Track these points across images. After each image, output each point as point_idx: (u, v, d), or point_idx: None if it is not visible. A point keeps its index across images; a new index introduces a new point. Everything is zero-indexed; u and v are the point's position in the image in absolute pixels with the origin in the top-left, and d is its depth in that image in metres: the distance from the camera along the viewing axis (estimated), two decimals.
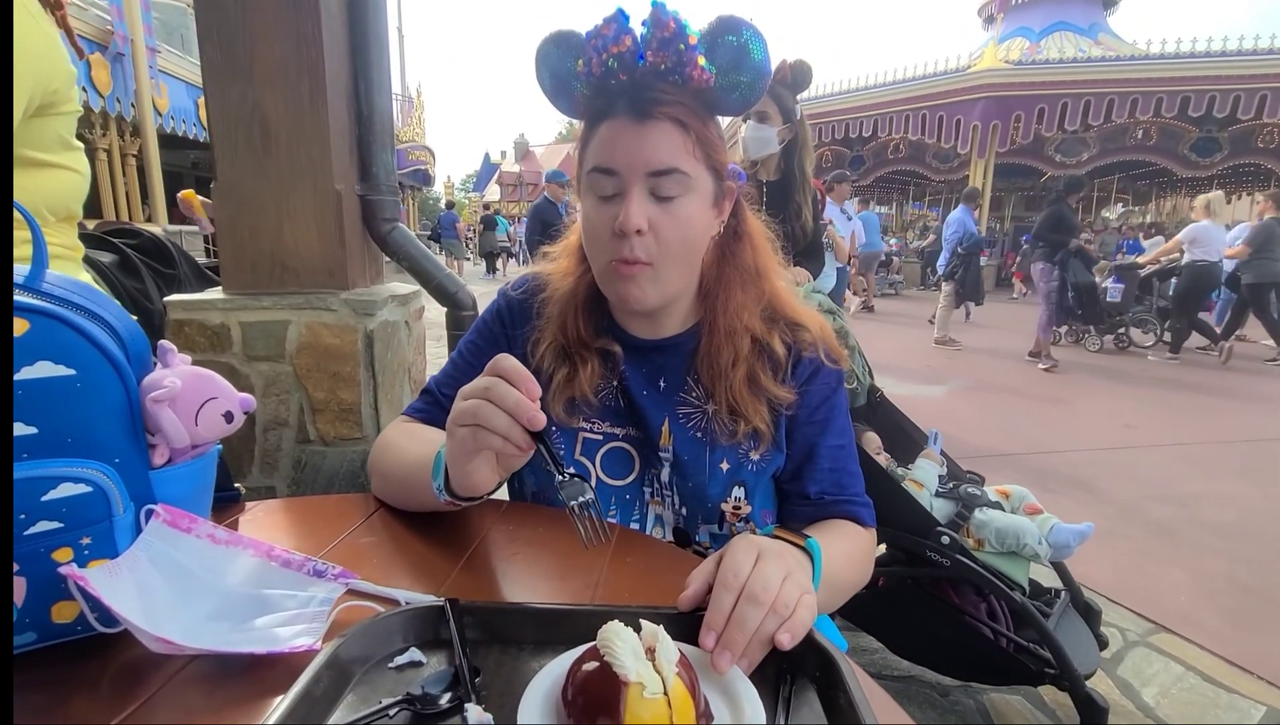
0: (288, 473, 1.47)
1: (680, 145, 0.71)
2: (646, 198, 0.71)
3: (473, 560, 0.66)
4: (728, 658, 0.47)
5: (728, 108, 0.74)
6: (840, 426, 0.83)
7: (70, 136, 1.01)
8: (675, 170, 0.71)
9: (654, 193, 0.72)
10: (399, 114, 15.34)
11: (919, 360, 6.27)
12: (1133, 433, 4.04)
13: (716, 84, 0.70)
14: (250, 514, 0.76)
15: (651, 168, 0.70)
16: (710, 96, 0.72)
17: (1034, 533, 1.48)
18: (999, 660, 1.47)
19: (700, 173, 0.73)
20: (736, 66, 0.70)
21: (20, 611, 0.47)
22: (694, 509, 0.81)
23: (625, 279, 0.74)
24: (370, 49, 1.49)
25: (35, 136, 0.94)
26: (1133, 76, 12.03)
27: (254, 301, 1.41)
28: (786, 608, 0.50)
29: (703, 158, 0.73)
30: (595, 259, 0.78)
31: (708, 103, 0.73)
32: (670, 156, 0.70)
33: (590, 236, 0.77)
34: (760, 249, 0.84)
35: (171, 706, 0.45)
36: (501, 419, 0.57)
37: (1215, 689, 1.74)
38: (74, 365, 0.48)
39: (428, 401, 0.88)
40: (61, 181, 1.01)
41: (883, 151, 16.16)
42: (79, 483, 0.48)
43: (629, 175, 0.71)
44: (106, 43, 6.64)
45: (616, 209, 0.72)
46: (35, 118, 0.93)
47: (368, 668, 0.48)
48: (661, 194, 0.72)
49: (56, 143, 0.98)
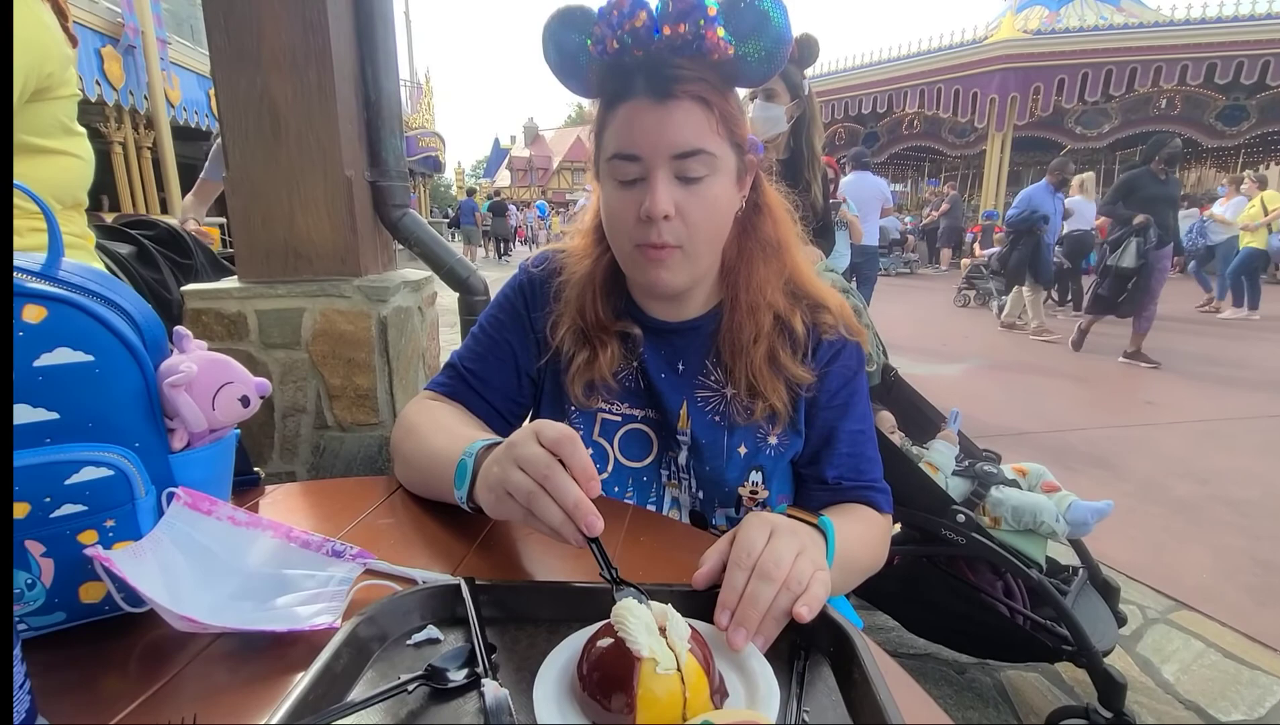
0: (307, 458, 1.49)
1: (704, 124, 0.69)
2: (671, 180, 0.69)
3: (488, 540, 0.67)
4: (743, 634, 0.47)
5: (748, 79, 0.71)
6: (860, 411, 0.82)
7: (71, 121, 1.00)
8: (700, 150, 0.69)
9: (679, 175, 0.69)
10: (408, 100, 15.27)
11: (935, 339, 6.20)
12: (1154, 410, 3.98)
13: (736, 55, 0.68)
14: (270, 497, 0.77)
15: (676, 150, 0.68)
16: (730, 68, 0.70)
17: (1051, 510, 1.46)
18: (1015, 638, 1.47)
19: (724, 150, 0.71)
20: (757, 34, 0.67)
21: (49, 592, 0.48)
22: (711, 493, 0.81)
23: (653, 264, 0.73)
24: (376, 30, 1.48)
25: (35, 122, 0.93)
26: (1156, 44, 11.69)
27: (269, 289, 1.42)
28: (800, 583, 0.50)
29: (726, 135, 0.71)
30: (618, 244, 0.76)
31: (727, 75, 0.71)
32: (695, 137, 0.68)
33: (612, 222, 0.75)
34: (781, 221, 0.82)
35: (197, 682, 0.46)
36: (556, 516, 0.52)
37: (1237, 665, 1.73)
38: (92, 351, 0.49)
39: (451, 376, 0.87)
40: (65, 167, 1.01)
41: (897, 127, 15.89)
42: (101, 466, 0.49)
43: (653, 159, 0.69)
44: (118, 35, 6.66)
45: (640, 193, 0.70)
46: (32, 103, 0.92)
47: (386, 645, 0.49)
48: (687, 175, 0.69)
49: (57, 128, 0.98)
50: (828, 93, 14.85)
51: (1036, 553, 1.47)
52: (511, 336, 0.86)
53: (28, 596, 0.48)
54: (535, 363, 0.86)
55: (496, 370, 0.85)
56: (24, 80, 0.88)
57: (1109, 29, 12.28)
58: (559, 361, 0.84)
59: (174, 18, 8.06)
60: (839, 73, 14.92)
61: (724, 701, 0.43)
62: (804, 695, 0.45)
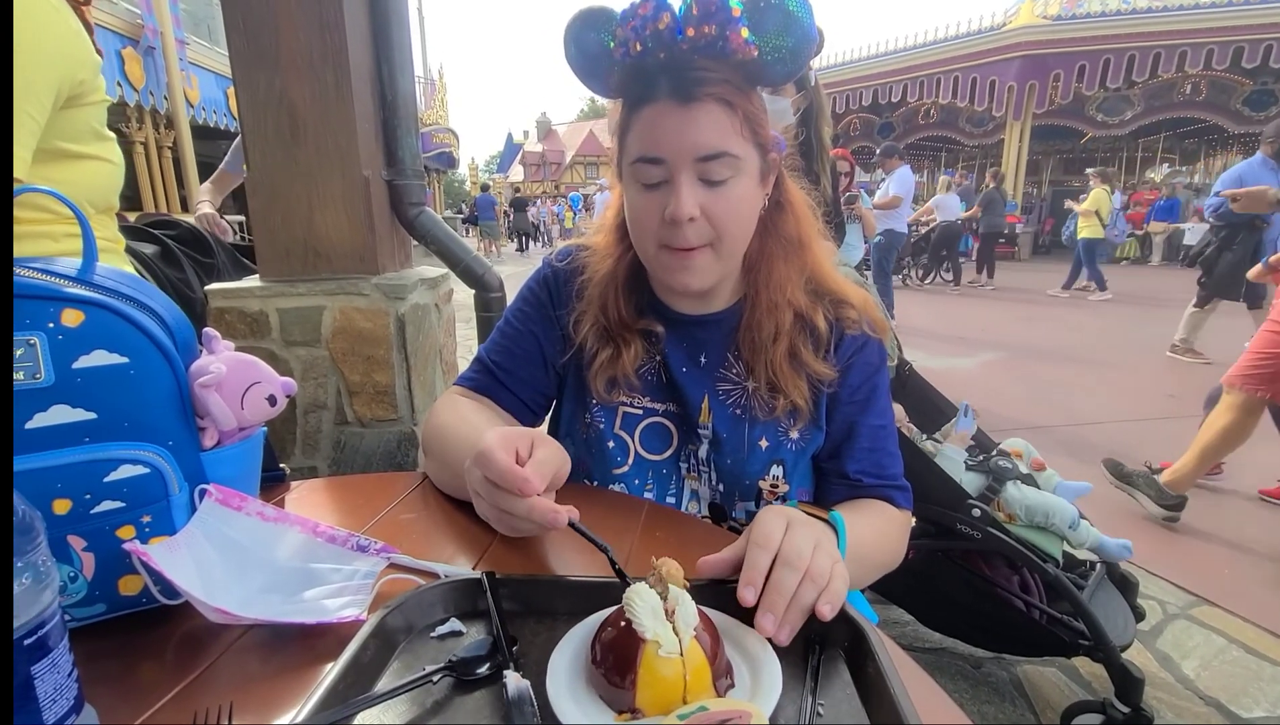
0: (328, 453, 1.51)
1: (728, 126, 0.68)
2: (695, 183, 0.69)
3: (507, 535, 0.68)
4: (771, 620, 0.48)
5: (771, 79, 0.70)
6: (881, 406, 0.82)
7: (102, 127, 1.03)
8: (724, 153, 0.68)
9: (702, 177, 0.70)
10: (422, 97, 15.38)
11: (951, 331, 6.14)
12: (1175, 403, 3.92)
13: (760, 55, 0.67)
14: (295, 493, 0.79)
15: (700, 152, 0.68)
16: (754, 69, 0.69)
17: (1064, 514, 1.46)
18: (1031, 632, 1.47)
19: (748, 151, 0.71)
20: (782, 33, 0.66)
21: (90, 585, 0.50)
22: (731, 486, 0.81)
23: (678, 266, 0.73)
24: (391, 30, 1.50)
25: (67, 128, 0.96)
26: (1181, 27, 11.39)
27: (290, 288, 1.45)
28: (822, 576, 0.50)
29: (750, 136, 0.71)
30: (643, 245, 0.76)
31: (750, 76, 0.70)
32: (719, 139, 0.68)
33: (637, 224, 0.75)
34: (802, 217, 0.82)
35: (232, 672, 0.48)
36: (527, 526, 0.59)
37: (1259, 661, 1.71)
38: (127, 353, 0.51)
39: (479, 370, 0.89)
40: (97, 172, 1.03)
41: (913, 117, 15.68)
42: (137, 464, 0.50)
43: (677, 161, 0.69)
44: (137, 37, 6.76)
45: (664, 196, 0.70)
46: (65, 109, 0.95)
47: (411, 637, 0.50)
48: (711, 178, 0.70)
49: (89, 133, 1.00)
50: (842, 83, 14.68)
51: (1052, 547, 1.46)
52: (537, 328, 0.87)
53: (70, 589, 0.50)
54: (560, 357, 0.87)
55: (523, 363, 0.87)
56: (58, 88, 0.91)
57: (1132, 13, 11.98)
58: (582, 357, 0.85)
59: (191, 18, 8.16)
60: (853, 63, 14.73)
61: (730, 690, 0.44)
62: (818, 690, 0.46)
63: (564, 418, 0.89)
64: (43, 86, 0.88)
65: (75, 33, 0.95)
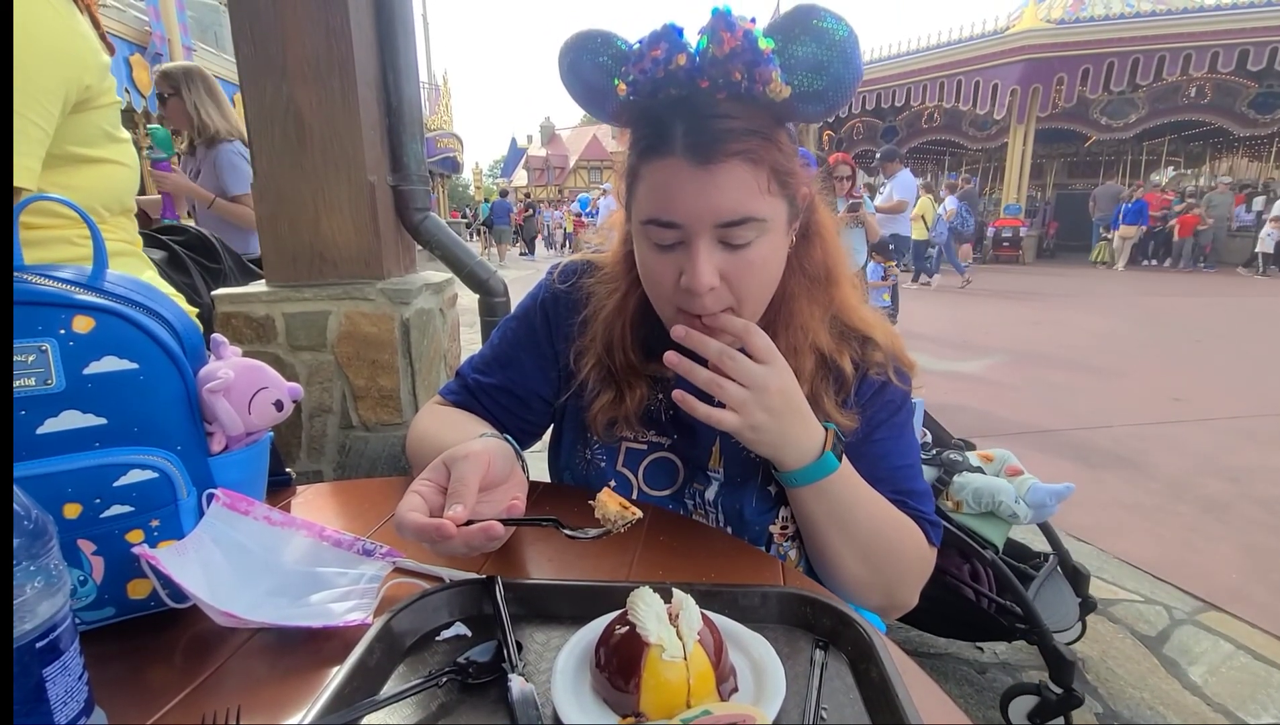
0: (333, 457, 1.52)
1: (753, 186, 0.60)
2: (714, 247, 0.62)
3: (512, 539, 0.69)
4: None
5: (807, 117, 0.63)
6: (904, 446, 0.76)
7: (114, 129, 1.02)
8: (749, 218, 0.61)
9: (723, 241, 0.62)
10: (426, 102, 15.37)
11: (957, 335, 6.13)
12: (1182, 406, 3.90)
13: (794, 96, 0.59)
14: (301, 497, 0.80)
15: (721, 219, 0.61)
16: (785, 109, 0.61)
17: (1010, 492, 1.50)
18: (978, 618, 1.52)
19: (776, 208, 0.63)
20: (819, 71, 0.58)
21: (99, 588, 0.51)
22: (739, 530, 0.77)
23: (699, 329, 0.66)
24: (398, 38, 1.51)
25: (79, 132, 0.95)
26: (1185, 30, 11.38)
27: (295, 293, 1.45)
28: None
29: (778, 190, 0.63)
30: (659, 304, 0.70)
31: (781, 115, 0.63)
32: (742, 204, 0.60)
33: (651, 283, 0.68)
34: (830, 245, 0.75)
35: (239, 675, 0.48)
36: (462, 548, 0.54)
37: (1267, 667, 1.69)
38: (136, 359, 0.51)
39: (459, 386, 0.86)
40: (111, 175, 1.03)
41: (917, 121, 15.68)
42: (146, 469, 0.51)
43: (693, 227, 0.61)
44: (145, 43, 6.81)
45: (680, 258, 0.63)
46: (75, 114, 0.94)
47: (416, 640, 0.51)
48: (733, 242, 0.62)
49: (101, 136, 1.00)
50: None
51: (995, 535, 1.52)
52: (526, 356, 0.83)
53: (80, 593, 0.50)
54: (551, 390, 0.83)
55: (503, 389, 0.83)
56: (64, 94, 0.90)
57: (1135, 16, 11.98)
58: (582, 395, 0.80)
59: (199, 25, 8.22)
60: None
61: (734, 694, 0.44)
62: (822, 693, 0.46)
63: (564, 448, 0.85)
64: (47, 93, 0.87)
65: (79, 35, 0.93)
